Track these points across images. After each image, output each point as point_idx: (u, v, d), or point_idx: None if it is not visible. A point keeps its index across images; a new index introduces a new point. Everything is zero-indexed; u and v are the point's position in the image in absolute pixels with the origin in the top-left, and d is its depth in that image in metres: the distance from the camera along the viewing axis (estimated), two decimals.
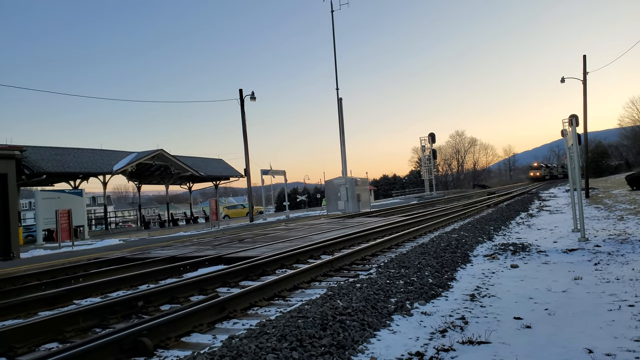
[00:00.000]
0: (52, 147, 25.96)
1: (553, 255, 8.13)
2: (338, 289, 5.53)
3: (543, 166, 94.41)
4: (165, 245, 13.71)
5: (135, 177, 32.47)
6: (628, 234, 9.84)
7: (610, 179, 51.36)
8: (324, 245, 10.05)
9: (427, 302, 5.25)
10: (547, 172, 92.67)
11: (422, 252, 8.43)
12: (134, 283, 7.48)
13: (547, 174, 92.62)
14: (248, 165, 27.89)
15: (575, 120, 11.93)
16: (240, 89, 27.23)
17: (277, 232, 14.91)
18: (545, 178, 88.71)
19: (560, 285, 5.77)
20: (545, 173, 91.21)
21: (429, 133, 56.42)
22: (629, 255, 7.47)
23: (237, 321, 4.92)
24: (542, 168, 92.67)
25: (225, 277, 6.99)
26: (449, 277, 6.55)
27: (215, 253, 9.94)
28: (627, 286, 5.47)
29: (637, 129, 71.88)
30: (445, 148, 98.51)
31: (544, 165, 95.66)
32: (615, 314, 4.41)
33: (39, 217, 22.23)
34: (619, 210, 15.65)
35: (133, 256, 10.68)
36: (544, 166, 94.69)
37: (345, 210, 27.78)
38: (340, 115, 31.43)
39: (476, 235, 11.09)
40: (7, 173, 14.52)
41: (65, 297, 6.35)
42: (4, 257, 13.95)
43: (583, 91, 27.42)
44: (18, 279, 8.28)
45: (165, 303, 5.85)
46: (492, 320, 4.45)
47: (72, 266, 9.59)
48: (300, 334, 3.81)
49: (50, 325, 4.64)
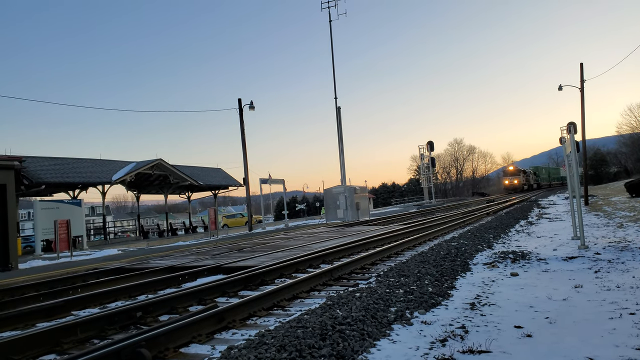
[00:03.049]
0: (51, 157, 25.98)
1: (553, 263, 8.11)
2: (337, 299, 5.50)
3: (524, 172, 71.08)
4: (164, 255, 13.66)
5: (134, 187, 32.45)
6: (628, 242, 9.83)
7: (610, 186, 51.41)
8: (323, 254, 10.02)
9: (427, 311, 5.22)
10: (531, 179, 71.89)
11: (422, 260, 8.40)
12: (133, 293, 7.44)
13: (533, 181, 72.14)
14: (247, 174, 27.91)
15: (573, 128, 12.00)
16: (239, 99, 27.35)
17: (276, 241, 14.87)
18: (525, 188, 67.90)
19: (561, 294, 5.75)
20: (526, 181, 69.54)
21: (428, 141, 56.55)
22: (629, 263, 7.45)
23: (236, 331, 4.89)
24: (522, 174, 69.55)
25: (224, 287, 6.96)
26: (449, 286, 6.52)
27: (214, 263, 9.90)
28: (628, 294, 5.45)
29: (635, 136, 72.18)
30: (444, 156, 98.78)
31: (524, 171, 71.86)
32: (617, 322, 4.38)
33: (38, 227, 22.15)
34: (619, 218, 15.64)
35: (132, 266, 10.64)
36: (524, 172, 71.27)
37: (345, 219, 27.73)
38: (339, 123, 31.52)
39: (476, 244, 11.07)
40: (6, 184, 14.51)
41: (64, 308, 6.31)
42: (2, 268, 13.88)
43: (581, 99, 27.55)
44: (16, 290, 8.24)
45: (164, 313, 5.82)
46: (493, 329, 4.43)
47: (71, 277, 9.54)
48: (299, 344, 3.79)
49: (48, 337, 4.60)
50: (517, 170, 70.03)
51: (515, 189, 66.66)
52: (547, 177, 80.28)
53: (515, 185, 67.30)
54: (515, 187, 67.09)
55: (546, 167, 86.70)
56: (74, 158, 27.57)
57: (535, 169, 76.98)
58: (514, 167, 73.08)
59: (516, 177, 67.90)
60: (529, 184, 70.49)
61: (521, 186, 67.36)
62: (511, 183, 67.84)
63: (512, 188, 67.16)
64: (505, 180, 69.21)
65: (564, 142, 12.24)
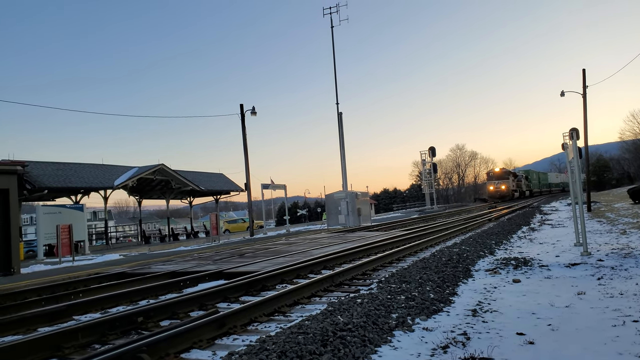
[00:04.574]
0: (54, 162, 26.04)
1: (555, 269, 8.07)
2: (339, 305, 5.49)
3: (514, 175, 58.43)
4: (166, 260, 13.66)
5: (136, 192, 32.50)
6: (631, 248, 9.78)
7: (612, 192, 51.23)
8: (325, 260, 10.00)
9: (429, 317, 5.20)
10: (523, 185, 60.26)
11: (424, 266, 8.38)
12: (134, 298, 7.44)
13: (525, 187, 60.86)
14: (248, 179, 27.92)
15: (575, 134, 11.97)
16: (241, 104, 27.38)
17: (278, 247, 14.86)
18: (516, 195, 56.56)
19: (563, 300, 5.72)
20: (516, 186, 57.45)
21: (429, 147, 56.48)
22: (632, 270, 7.42)
23: (237, 337, 4.88)
24: (511, 178, 56.34)
25: (225, 293, 6.96)
26: (451, 292, 6.50)
27: (215, 268, 9.90)
28: (631, 301, 5.42)
29: (638, 142, 71.97)
30: (445, 162, 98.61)
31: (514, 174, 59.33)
32: (620, 330, 4.36)
33: (40, 232, 22.19)
34: (622, 224, 15.58)
35: (133, 271, 10.64)
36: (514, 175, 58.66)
37: (346, 225, 27.71)
38: (341, 129, 31.58)
39: (477, 250, 11.04)
40: (8, 188, 14.55)
41: (65, 313, 6.31)
42: (5, 273, 13.90)
43: (583, 105, 27.56)
44: (18, 295, 8.25)
45: (165, 319, 5.81)
46: (495, 336, 4.41)
47: (72, 281, 9.55)
48: (300, 350, 3.78)
49: (50, 342, 4.61)
50: (506, 173, 57.17)
51: (502, 197, 54.07)
52: (538, 182, 71.61)
53: (503, 191, 54.27)
54: (503, 194, 54.24)
55: (537, 172, 77.97)
56: (77, 163, 27.64)
57: (527, 173, 67.72)
58: (501, 168, 60.26)
59: (504, 182, 54.99)
60: (521, 190, 59.62)
61: (510, 193, 54.96)
62: (497, 189, 54.57)
63: (499, 195, 54.23)
64: (490, 186, 55.88)
65: (566, 148, 12.22)
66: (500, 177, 55.94)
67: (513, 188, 55.90)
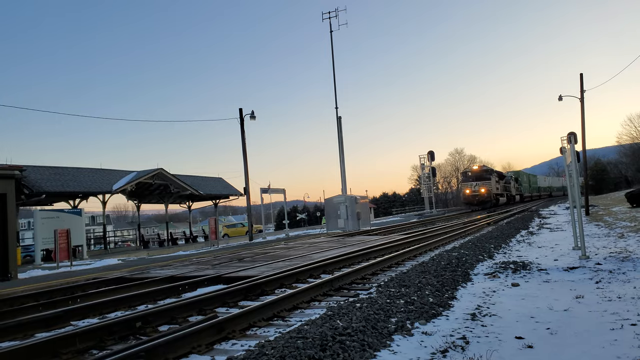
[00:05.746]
0: (52, 167, 26.00)
1: (554, 273, 8.08)
2: (338, 309, 5.49)
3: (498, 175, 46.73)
4: (165, 264, 13.63)
5: (135, 197, 32.45)
6: (629, 252, 9.80)
7: (610, 196, 51.34)
8: (324, 264, 9.99)
9: (428, 321, 5.20)
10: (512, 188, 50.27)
11: (423, 270, 8.38)
12: (133, 303, 7.41)
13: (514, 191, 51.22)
14: (248, 183, 27.92)
15: (573, 138, 12.03)
16: (240, 108, 27.42)
17: (277, 251, 14.84)
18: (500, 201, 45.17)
19: (562, 304, 5.73)
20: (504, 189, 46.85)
21: (428, 151, 56.50)
22: (630, 274, 7.43)
23: (236, 342, 4.87)
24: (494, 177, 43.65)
25: (224, 297, 6.94)
26: (450, 296, 6.50)
27: (214, 272, 9.88)
28: (630, 305, 5.43)
29: (635, 146, 72.22)
30: (444, 166, 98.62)
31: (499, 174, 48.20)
32: (618, 333, 4.37)
33: (38, 236, 22.11)
34: (620, 228, 15.61)
35: (132, 276, 10.61)
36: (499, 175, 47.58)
37: (345, 229, 27.69)
38: (340, 133, 31.62)
39: (476, 254, 11.04)
40: (6, 193, 14.52)
41: (63, 318, 6.29)
42: (2, 278, 13.85)
43: (581, 109, 27.65)
44: (15, 300, 8.21)
45: (163, 324, 5.79)
46: (494, 340, 4.41)
47: (70, 286, 9.52)
48: (299, 355, 3.77)
49: (47, 347, 4.59)
50: (486, 172, 44.11)
51: (482, 203, 41.68)
52: (529, 186, 63.98)
53: (482, 196, 41.46)
54: (482, 199, 41.57)
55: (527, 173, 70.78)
56: (75, 167, 27.60)
57: (517, 175, 59.63)
58: (480, 166, 48.64)
59: (484, 184, 41.64)
60: (509, 194, 49.36)
61: (493, 198, 42.43)
62: (475, 193, 41.95)
63: (477, 201, 41.95)
64: (466, 189, 43.14)
65: (564, 152, 12.27)
66: (480, 177, 42.92)
67: (497, 191, 44.14)
